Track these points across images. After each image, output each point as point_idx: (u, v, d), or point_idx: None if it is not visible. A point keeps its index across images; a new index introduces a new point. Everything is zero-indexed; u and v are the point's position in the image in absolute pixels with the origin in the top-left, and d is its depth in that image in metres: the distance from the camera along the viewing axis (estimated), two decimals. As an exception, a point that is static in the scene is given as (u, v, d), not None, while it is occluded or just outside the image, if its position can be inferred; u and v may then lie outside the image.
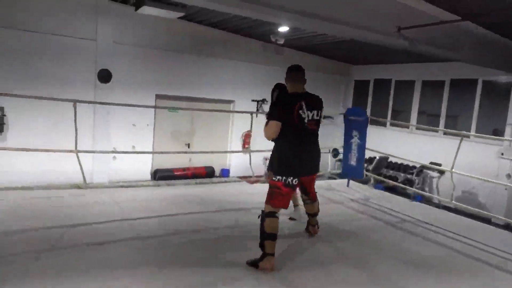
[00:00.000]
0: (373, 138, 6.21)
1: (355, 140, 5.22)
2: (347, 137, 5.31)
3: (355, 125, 5.18)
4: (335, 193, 5.50)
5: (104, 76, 8.43)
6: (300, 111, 3.09)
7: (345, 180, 6.16)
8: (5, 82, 7.41)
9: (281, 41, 9.30)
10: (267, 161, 9.94)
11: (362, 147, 5.22)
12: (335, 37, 8.67)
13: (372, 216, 4.63)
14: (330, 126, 12.37)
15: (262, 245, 3.01)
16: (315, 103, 3.24)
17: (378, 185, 7.39)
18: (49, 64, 7.95)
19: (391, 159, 9.67)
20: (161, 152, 8.31)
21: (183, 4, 6.74)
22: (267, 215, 3.04)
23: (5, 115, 7.70)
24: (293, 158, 3.13)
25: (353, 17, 5.22)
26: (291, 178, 3.08)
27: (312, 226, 3.78)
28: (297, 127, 3.10)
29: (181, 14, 7.62)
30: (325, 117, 11.73)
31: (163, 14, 7.41)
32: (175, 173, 9.65)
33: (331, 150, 11.76)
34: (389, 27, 5.63)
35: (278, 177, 3.09)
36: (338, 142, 12.20)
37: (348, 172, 5.39)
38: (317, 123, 3.25)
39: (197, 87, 9.77)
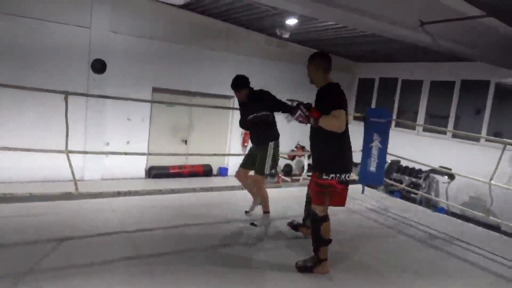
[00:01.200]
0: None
1: (375, 144, 4.79)
2: (367, 140, 4.88)
3: (377, 128, 4.75)
4: (350, 201, 5.06)
5: (98, 67, 7.85)
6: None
7: (358, 186, 5.78)
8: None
9: (287, 35, 8.83)
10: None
11: (383, 152, 4.80)
12: (344, 32, 8.26)
13: (398, 231, 4.20)
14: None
15: (317, 251, 2.91)
16: None
17: (397, 193, 7.02)
18: (39, 53, 7.36)
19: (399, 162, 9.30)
20: (157, 154, 7.78)
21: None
22: (323, 219, 2.90)
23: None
24: (347, 152, 2.99)
25: (374, 7, 4.78)
26: (345, 174, 2.89)
27: (308, 229, 3.33)
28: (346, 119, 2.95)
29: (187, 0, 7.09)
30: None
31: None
32: (171, 171, 9.14)
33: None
34: (411, 21, 5.21)
35: (331, 175, 2.86)
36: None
37: (367, 179, 4.97)
38: None
39: (196, 81, 9.25)
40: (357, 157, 4.04)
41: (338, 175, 2.87)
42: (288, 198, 4.92)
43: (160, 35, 8.62)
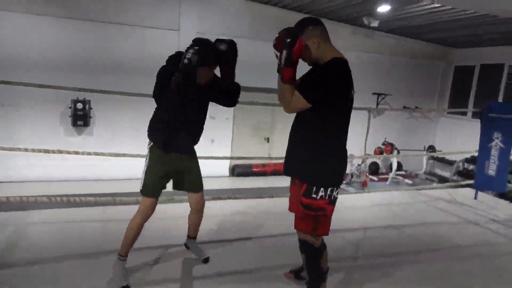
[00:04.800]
0: (474, 135, 4.97)
1: (496, 144, 4.13)
2: (485, 139, 4.23)
3: (499, 125, 4.09)
4: (464, 209, 4.48)
5: (185, 68, 8.05)
6: (352, 91, 2.06)
7: (468, 190, 5.11)
8: (90, 75, 7.35)
9: (375, 24, 8.23)
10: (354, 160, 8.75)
11: (505, 153, 4.13)
12: (443, 15, 7.43)
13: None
14: (423, 120, 11.07)
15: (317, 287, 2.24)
16: None
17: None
18: (132, 57, 7.76)
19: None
20: (238, 158, 7.77)
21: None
22: (322, 248, 2.18)
23: (91, 108, 7.68)
24: (343, 158, 2.12)
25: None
26: (336, 189, 2.08)
27: None
28: (347, 113, 2.09)
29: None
30: (416, 107, 10.53)
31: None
32: (254, 169, 9.12)
33: (426, 148, 10.49)
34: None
35: (321, 192, 2.04)
36: (436, 139, 10.93)
37: (484, 184, 4.33)
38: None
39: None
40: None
41: (330, 190, 2.05)
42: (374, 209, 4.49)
43: (245, 33, 8.58)
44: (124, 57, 7.70)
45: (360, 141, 4.62)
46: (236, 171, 9.06)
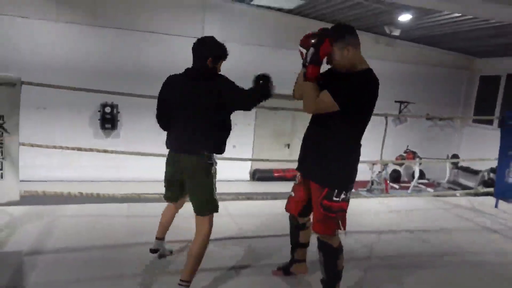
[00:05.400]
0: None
1: (516, 152, 4.12)
2: (505, 147, 4.21)
3: (519, 134, 4.07)
4: (483, 217, 4.45)
5: (209, 74, 8.32)
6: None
7: (488, 198, 5.06)
8: (117, 81, 7.69)
9: (397, 32, 8.27)
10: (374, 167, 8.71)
11: (526, 162, 4.10)
12: (466, 25, 7.39)
13: None
14: (448, 129, 10.92)
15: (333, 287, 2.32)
16: None
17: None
18: (157, 62, 8.08)
19: None
20: (258, 160, 7.91)
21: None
22: (339, 250, 2.27)
23: (119, 112, 8.03)
24: (357, 162, 2.24)
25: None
26: (351, 190, 2.24)
27: (301, 263, 2.65)
28: (368, 122, 2.20)
29: (300, 2, 7.10)
30: (441, 119, 10.41)
31: (280, 3, 6.97)
32: (275, 174, 9.23)
33: (449, 157, 10.32)
34: None
35: (342, 195, 2.16)
36: (461, 149, 10.74)
37: (505, 192, 4.30)
38: None
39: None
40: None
41: (349, 193, 2.20)
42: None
43: (268, 41, 8.79)
44: (150, 64, 8.01)
45: (379, 147, 4.68)
46: (257, 175, 9.21)
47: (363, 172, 9.26)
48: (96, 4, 7.71)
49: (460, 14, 6.53)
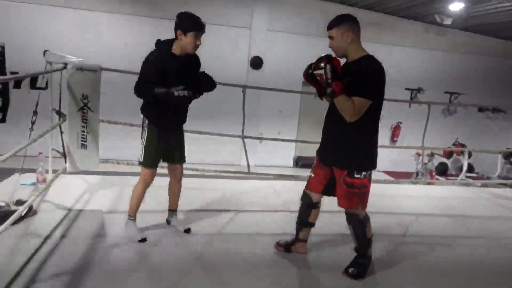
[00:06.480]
0: None
1: None
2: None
3: None
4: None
5: (256, 63, 8.68)
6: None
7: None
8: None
9: (448, 21, 8.10)
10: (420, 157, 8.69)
11: None
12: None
13: None
14: (501, 122, 10.49)
15: (365, 254, 2.56)
16: None
17: None
18: (206, 52, 8.52)
19: None
20: (302, 141, 8.14)
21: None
22: (366, 219, 2.52)
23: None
24: (376, 145, 2.49)
25: None
26: (373, 170, 2.47)
27: (303, 243, 2.83)
28: (381, 106, 2.42)
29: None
30: (494, 110, 9.99)
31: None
32: (317, 162, 9.46)
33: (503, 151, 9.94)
34: None
35: (363, 172, 2.40)
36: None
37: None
38: None
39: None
40: None
41: (369, 172, 2.43)
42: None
43: (316, 31, 8.95)
44: (198, 53, 8.50)
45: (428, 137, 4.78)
46: (300, 162, 9.49)
47: (408, 163, 9.23)
48: (154, -3, 8.28)
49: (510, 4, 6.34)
